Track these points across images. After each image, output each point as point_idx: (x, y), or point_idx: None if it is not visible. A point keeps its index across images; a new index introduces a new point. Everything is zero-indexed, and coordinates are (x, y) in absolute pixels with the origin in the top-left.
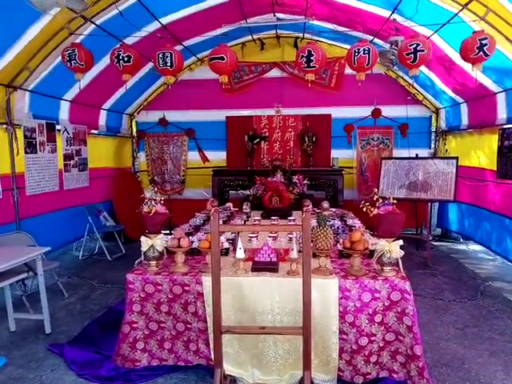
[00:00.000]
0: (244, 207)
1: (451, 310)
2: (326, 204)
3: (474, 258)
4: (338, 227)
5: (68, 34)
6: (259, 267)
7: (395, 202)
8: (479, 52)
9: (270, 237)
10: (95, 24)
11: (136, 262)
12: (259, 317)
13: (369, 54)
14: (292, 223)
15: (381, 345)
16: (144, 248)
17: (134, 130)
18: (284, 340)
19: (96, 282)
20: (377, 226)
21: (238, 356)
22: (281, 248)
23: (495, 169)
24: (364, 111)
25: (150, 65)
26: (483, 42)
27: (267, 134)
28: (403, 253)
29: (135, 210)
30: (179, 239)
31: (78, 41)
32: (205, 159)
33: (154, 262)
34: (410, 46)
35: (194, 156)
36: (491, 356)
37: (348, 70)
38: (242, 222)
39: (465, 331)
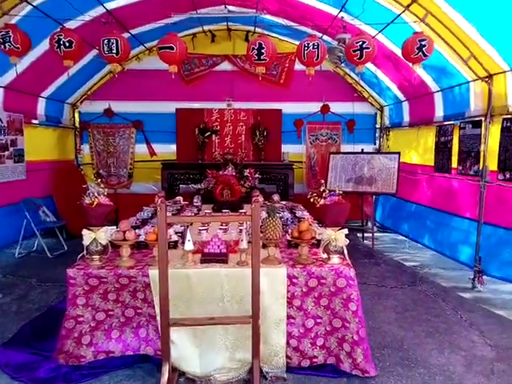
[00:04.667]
0: (195, 201)
1: (393, 296)
2: (276, 197)
3: (413, 248)
4: (287, 219)
5: (1, 14)
6: (208, 259)
7: (341, 192)
8: (419, 52)
9: (220, 229)
10: (32, 5)
11: (78, 256)
12: (209, 307)
13: (318, 48)
14: (241, 214)
15: (327, 329)
16: (86, 242)
17: (77, 120)
18: (234, 329)
19: (35, 281)
20: (323, 215)
21: (186, 347)
22: (231, 240)
23: (433, 164)
24: (313, 107)
25: (95, 52)
26: (422, 42)
27: (218, 127)
28: (348, 241)
29: (78, 204)
30: (124, 232)
31: (13, 22)
32: (152, 153)
33: (97, 257)
34: (357, 43)
35: (142, 149)
36: (427, 336)
37: (298, 66)
38: (193, 215)
39: (404, 315)
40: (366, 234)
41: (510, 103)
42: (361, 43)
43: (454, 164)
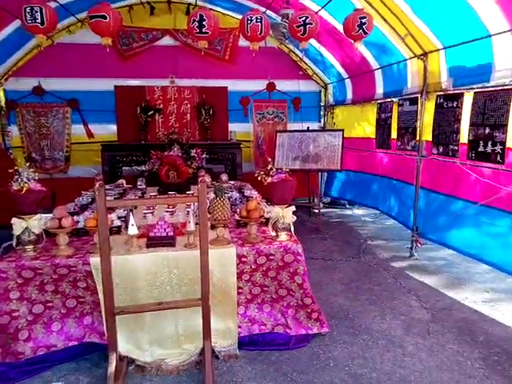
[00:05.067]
0: (138, 183)
1: (339, 269)
2: (224, 177)
3: (357, 221)
4: (235, 198)
5: None
6: (154, 243)
7: (287, 170)
8: (359, 29)
9: (166, 212)
10: None
11: (2, 246)
12: (157, 292)
13: (261, 23)
14: (187, 195)
15: (274, 297)
16: (17, 231)
17: (2, 99)
18: (184, 313)
19: None
20: (271, 194)
21: (134, 335)
22: (178, 222)
23: (375, 138)
24: (259, 85)
25: (18, 23)
26: (363, 20)
27: (162, 106)
28: (295, 218)
29: (5, 190)
30: (60, 219)
31: None
32: (89, 134)
33: (30, 247)
34: (300, 18)
35: (79, 130)
36: (370, 304)
37: (242, 42)
38: (136, 198)
39: (350, 285)
40: (315, 211)
41: (443, 80)
42: (304, 19)
43: (394, 139)
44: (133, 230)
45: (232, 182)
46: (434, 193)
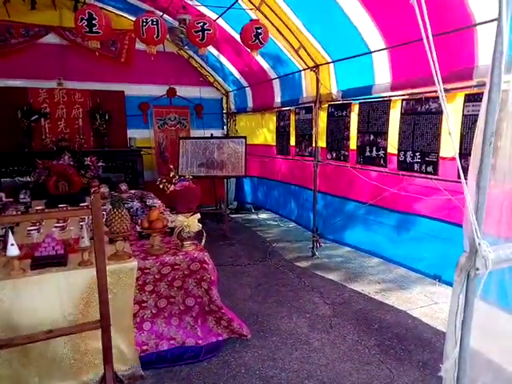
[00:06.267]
0: (21, 196)
1: (247, 273)
2: (124, 186)
3: (263, 225)
4: (137, 209)
5: None
6: (41, 263)
7: (191, 177)
8: (256, 40)
9: (56, 227)
10: None
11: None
12: (48, 319)
13: (157, 25)
14: (78, 207)
15: (181, 308)
16: None
17: None
18: (79, 338)
19: None
20: (175, 202)
21: (20, 374)
22: (70, 238)
23: (276, 145)
24: (159, 90)
25: None
26: (259, 30)
27: (48, 110)
28: (201, 226)
29: None
30: None
31: None
32: None
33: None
34: (198, 23)
35: None
36: (278, 306)
37: (140, 45)
38: (18, 214)
39: (258, 289)
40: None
41: (333, 91)
42: (202, 24)
43: (293, 145)
44: (12, 250)
45: (133, 192)
46: (330, 196)
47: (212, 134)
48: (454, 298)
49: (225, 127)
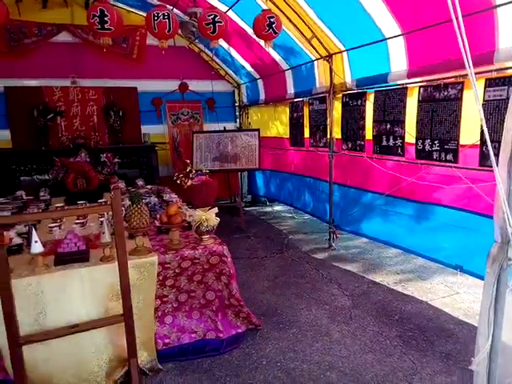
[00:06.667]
0: (41, 194)
1: (264, 266)
2: (140, 182)
3: (277, 218)
4: (154, 204)
5: None
6: (64, 259)
7: (208, 172)
8: (269, 29)
9: (76, 223)
10: None
11: None
12: (71, 314)
13: (169, 19)
14: (99, 204)
15: (202, 302)
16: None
17: None
18: (103, 332)
19: None
20: (192, 196)
21: (48, 363)
22: (91, 234)
23: (289, 137)
24: (171, 85)
25: None
26: (271, 19)
27: (63, 108)
28: (219, 220)
29: None
30: None
31: None
32: None
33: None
34: (209, 16)
35: None
36: (297, 298)
37: (151, 41)
38: (40, 211)
39: (275, 281)
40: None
41: (348, 80)
42: (213, 16)
43: (307, 137)
44: (36, 247)
45: (149, 187)
46: (346, 187)
47: (225, 128)
48: (486, 290)
49: (237, 120)
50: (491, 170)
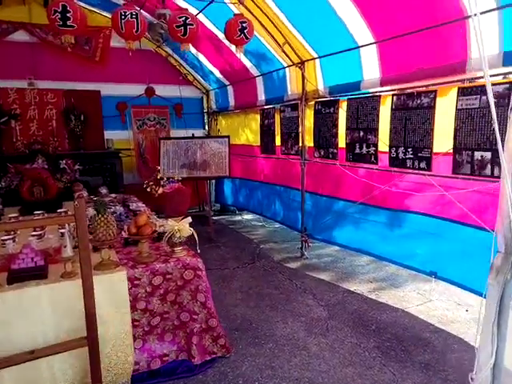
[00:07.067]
0: None
1: (236, 277)
2: (104, 190)
3: (248, 227)
4: (120, 214)
5: None
6: (19, 276)
7: (180, 179)
8: (241, 34)
9: (33, 236)
10: None
11: None
12: (27, 338)
13: (137, 19)
14: (59, 214)
15: (176, 323)
16: None
17: None
18: (63, 358)
19: None
20: (164, 205)
21: None
22: (50, 248)
23: (260, 144)
24: (137, 89)
25: None
26: (244, 24)
27: (19, 111)
28: (192, 230)
29: None
30: None
31: None
32: None
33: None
34: (180, 18)
35: None
36: (272, 310)
37: (116, 43)
38: None
39: (249, 293)
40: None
41: (320, 87)
42: (184, 19)
43: (278, 144)
44: None
45: (113, 195)
46: (318, 195)
47: (193, 134)
48: (489, 304)
49: (206, 127)
50: (465, 177)
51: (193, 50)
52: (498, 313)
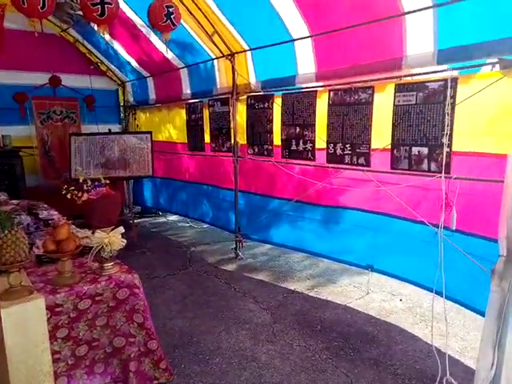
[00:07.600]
0: None
1: (168, 285)
2: (3, 196)
3: (174, 229)
4: (28, 224)
5: None
6: None
7: (108, 182)
8: (167, 20)
9: None
10: None
11: None
12: None
13: None
14: None
15: (108, 351)
16: None
17: None
18: None
19: None
20: (89, 214)
21: None
22: None
23: (186, 141)
24: (39, 78)
25: None
26: (170, 9)
27: None
28: (125, 242)
29: None
30: None
31: None
32: None
33: None
34: None
35: None
36: (212, 319)
37: (12, 25)
38: None
39: (185, 302)
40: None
41: (252, 81)
42: None
43: (208, 141)
44: None
45: (16, 202)
46: (251, 194)
47: (110, 130)
48: (491, 311)
49: (123, 122)
50: (404, 172)
51: (107, 38)
52: (503, 320)
